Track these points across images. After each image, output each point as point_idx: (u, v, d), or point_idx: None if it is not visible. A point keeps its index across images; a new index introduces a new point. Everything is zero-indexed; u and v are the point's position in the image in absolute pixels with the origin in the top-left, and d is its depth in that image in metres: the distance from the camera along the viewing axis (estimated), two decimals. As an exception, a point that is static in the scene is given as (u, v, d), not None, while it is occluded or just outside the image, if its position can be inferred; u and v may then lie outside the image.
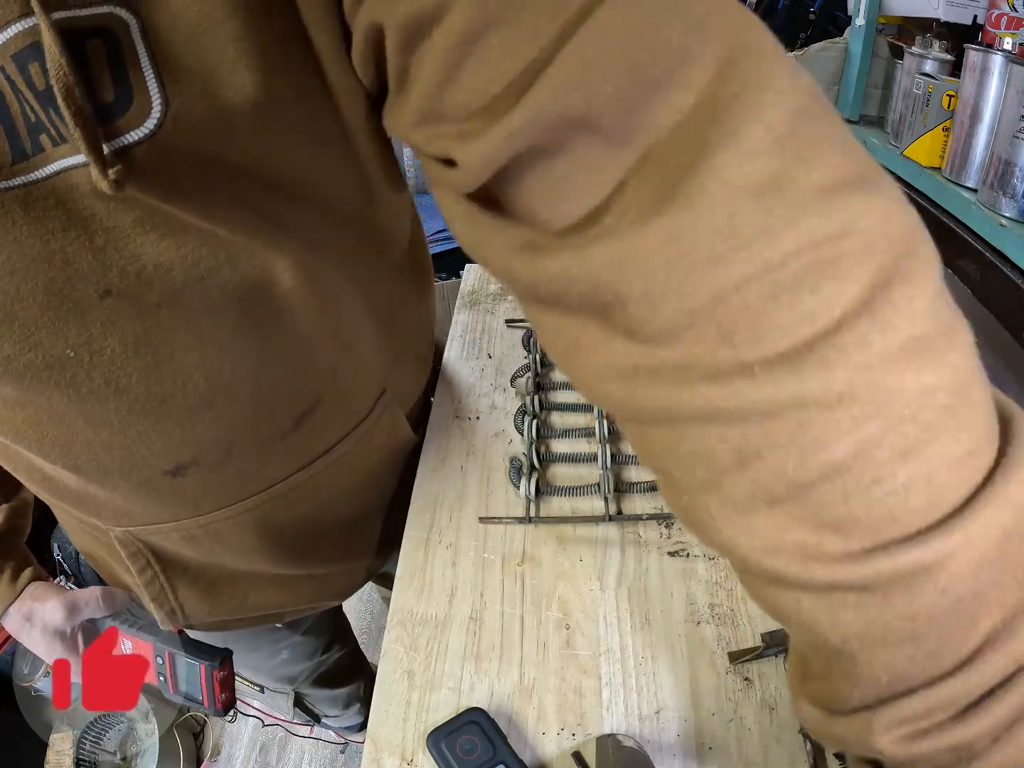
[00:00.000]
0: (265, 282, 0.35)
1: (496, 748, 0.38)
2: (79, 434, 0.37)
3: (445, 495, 0.56)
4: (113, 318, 0.32)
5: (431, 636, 0.46)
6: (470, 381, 0.69)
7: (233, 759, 1.37)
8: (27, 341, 0.31)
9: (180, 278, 0.32)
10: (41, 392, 0.34)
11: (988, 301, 0.55)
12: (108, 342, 0.33)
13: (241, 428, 0.41)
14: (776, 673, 0.43)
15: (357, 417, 0.49)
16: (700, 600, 0.48)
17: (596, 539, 0.52)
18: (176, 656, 0.52)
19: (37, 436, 0.37)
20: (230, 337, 0.36)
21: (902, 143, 0.68)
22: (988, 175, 0.54)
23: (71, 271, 0.30)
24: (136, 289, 0.31)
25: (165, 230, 0.30)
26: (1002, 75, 0.53)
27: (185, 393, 0.37)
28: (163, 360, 0.35)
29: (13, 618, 0.53)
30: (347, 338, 0.43)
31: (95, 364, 0.33)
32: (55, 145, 0.26)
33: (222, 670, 0.51)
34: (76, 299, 0.31)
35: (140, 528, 0.47)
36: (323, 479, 0.49)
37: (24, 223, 0.28)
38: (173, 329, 0.34)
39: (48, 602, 0.52)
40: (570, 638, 0.46)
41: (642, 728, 0.41)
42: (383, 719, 0.42)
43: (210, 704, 0.51)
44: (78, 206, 0.28)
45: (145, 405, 0.36)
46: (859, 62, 0.77)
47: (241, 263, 0.33)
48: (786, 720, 0.41)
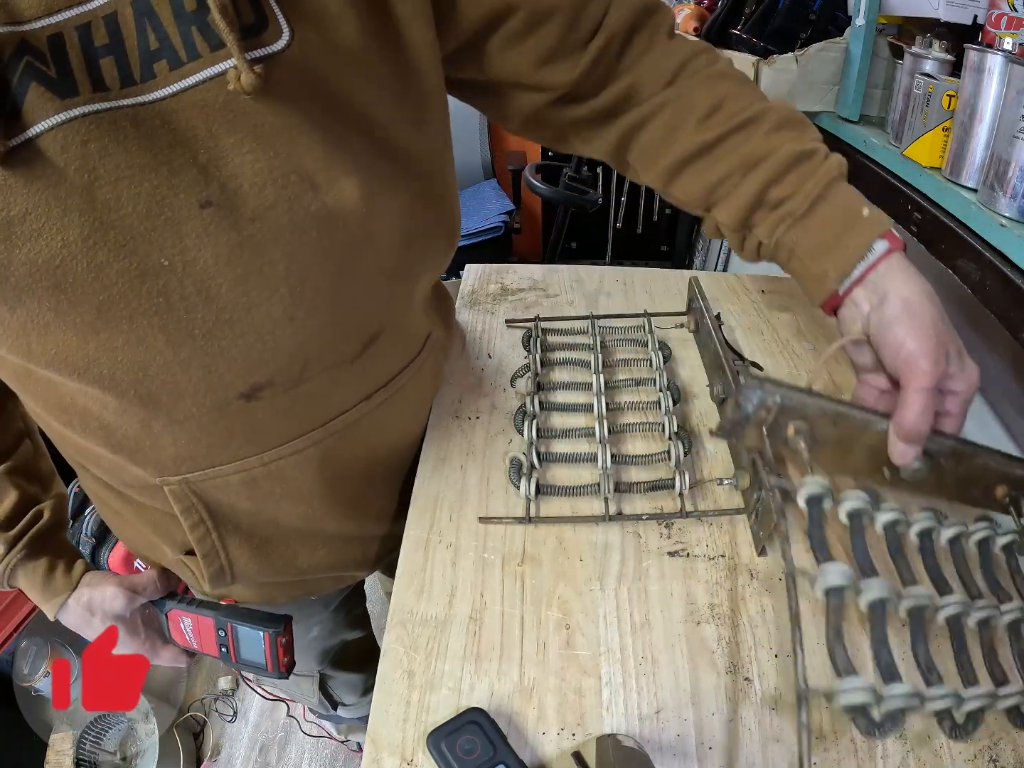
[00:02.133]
0: (341, 210, 0.39)
1: (496, 748, 0.38)
2: (158, 355, 0.38)
3: (445, 495, 0.56)
4: (209, 229, 0.35)
5: (431, 636, 0.46)
6: (470, 381, 0.69)
7: (233, 759, 1.37)
8: (123, 249, 0.34)
9: (272, 197, 0.36)
10: (126, 306, 0.36)
11: (988, 301, 0.55)
12: (202, 253, 0.36)
13: (317, 345, 0.43)
14: (776, 673, 0.43)
15: (410, 354, 0.54)
16: (700, 600, 0.48)
17: (596, 539, 0.52)
18: (237, 627, 0.54)
19: (110, 363, 0.38)
20: (313, 255, 0.39)
21: (902, 143, 0.68)
22: (988, 175, 0.54)
23: (176, 181, 0.34)
24: (233, 203, 0.35)
25: (260, 153, 0.35)
26: (1002, 75, 0.53)
27: (270, 304, 0.39)
28: (252, 272, 0.37)
29: (72, 610, 0.53)
30: (402, 275, 0.48)
31: (188, 273, 0.36)
32: (172, 69, 0.32)
33: (284, 635, 0.54)
34: (176, 208, 0.34)
35: (199, 475, 0.46)
36: (379, 415, 0.51)
37: (135, 137, 0.32)
38: (263, 243, 0.37)
39: (107, 589, 0.53)
40: (570, 638, 0.46)
41: (642, 728, 0.41)
42: (383, 719, 0.42)
43: (274, 668, 0.54)
44: (184, 126, 0.33)
45: (232, 315, 0.38)
46: (859, 62, 0.76)
47: (322, 190, 0.38)
48: (786, 720, 0.41)
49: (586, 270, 0.88)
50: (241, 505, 0.50)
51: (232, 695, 1.47)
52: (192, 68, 0.32)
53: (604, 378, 0.64)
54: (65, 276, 0.34)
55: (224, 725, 1.43)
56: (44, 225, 0.32)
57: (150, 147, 0.33)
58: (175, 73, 0.32)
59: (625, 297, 0.83)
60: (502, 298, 0.82)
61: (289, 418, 0.46)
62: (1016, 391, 0.73)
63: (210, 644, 0.55)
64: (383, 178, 0.41)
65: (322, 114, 0.37)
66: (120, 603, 0.52)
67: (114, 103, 0.31)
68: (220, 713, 1.44)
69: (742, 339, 0.75)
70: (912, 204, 0.65)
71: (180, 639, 0.57)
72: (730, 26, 1.00)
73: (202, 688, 1.49)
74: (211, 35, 0.32)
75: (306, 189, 0.37)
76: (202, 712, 1.44)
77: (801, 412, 0.42)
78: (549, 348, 0.71)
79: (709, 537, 0.52)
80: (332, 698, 0.93)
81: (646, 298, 0.82)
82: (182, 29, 0.32)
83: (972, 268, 0.56)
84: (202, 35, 0.32)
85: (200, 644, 0.56)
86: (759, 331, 0.76)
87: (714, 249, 1.92)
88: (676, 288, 0.84)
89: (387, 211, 0.43)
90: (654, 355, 0.67)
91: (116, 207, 0.33)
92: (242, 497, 0.49)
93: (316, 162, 0.37)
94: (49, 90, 0.30)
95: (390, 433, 0.55)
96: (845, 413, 0.43)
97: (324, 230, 0.39)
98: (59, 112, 0.30)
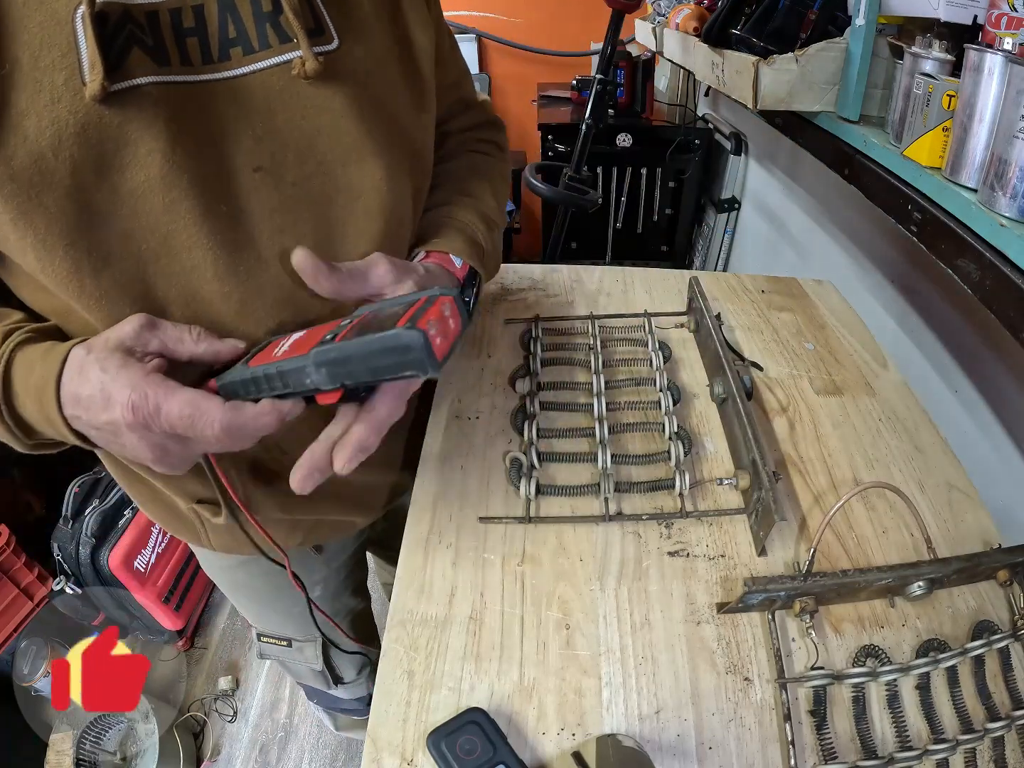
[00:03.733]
0: (365, 186, 0.47)
1: (496, 748, 0.38)
2: (206, 284, 0.44)
3: (445, 495, 0.56)
4: (258, 188, 0.43)
5: (431, 636, 0.46)
6: (470, 381, 0.69)
7: (233, 759, 1.37)
8: (192, 191, 0.41)
9: (310, 168, 0.44)
10: (188, 239, 0.42)
11: (988, 301, 0.55)
12: (251, 206, 0.43)
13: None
14: (776, 672, 0.43)
15: None
16: (700, 600, 0.48)
17: (596, 539, 0.52)
18: None
19: (164, 289, 0.43)
20: (337, 219, 0.47)
21: (902, 143, 0.68)
22: (988, 175, 0.54)
23: (236, 147, 0.42)
24: (279, 170, 0.43)
25: (305, 131, 0.43)
26: (1002, 75, 0.53)
27: (324, 252, 0.45)
28: (288, 226, 0.45)
29: (72, 362, 0.40)
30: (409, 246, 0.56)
31: (239, 220, 0.43)
32: (245, 54, 0.41)
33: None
34: (234, 168, 0.42)
35: None
36: None
37: (209, 105, 0.40)
38: (299, 204, 0.45)
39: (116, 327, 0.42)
40: (570, 638, 0.46)
41: (642, 728, 0.41)
42: (383, 719, 0.42)
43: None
44: (248, 101, 0.41)
45: (269, 259, 0.45)
46: (859, 62, 0.76)
47: (351, 167, 0.46)
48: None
49: (586, 270, 0.88)
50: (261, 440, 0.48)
51: (232, 695, 1.48)
52: (262, 55, 0.41)
53: (604, 378, 0.64)
54: (143, 206, 0.40)
55: (224, 725, 1.43)
56: (131, 161, 0.39)
57: (219, 116, 0.41)
58: (247, 58, 0.41)
59: (625, 297, 0.83)
60: (502, 298, 0.82)
61: None
62: (1016, 391, 0.73)
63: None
64: (400, 164, 0.49)
65: (358, 106, 0.45)
66: (130, 327, 0.40)
67: (195, 76, 0.40)
68: (220, 713, 1.44)
69: (742, 339, 0.75)
70: (912, 204, 0.65)
71: None
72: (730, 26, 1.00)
73: (202, 688, 1.49)
74: (282, 32, 0.41)
75: (338, 164, 0.45)
76: (202, 712, 1.44)
77: (804, 592, 0.45)
78: (549, 348, 0.71)
79: (709, 537, 0.52)
80: (335, 671, 0.93)
81: (646, 298, 0.82)
82: (258, 24, 0.41)
83: (972, 268, 0.56)
84: (274, 31, 0.41)
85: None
86: (759, 331, 0.76)
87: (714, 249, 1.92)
88: (676, 288, 0.84)
89: (402, 191, 0.50)
90: (654, 355, 0.67)
91: (189, 158, 0.40)
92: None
93: (350, 143, 0.45)
94: (147, 55, 0.38)
95: None
96: (847, 583, 0.45)
97: (348, 200, 0.47)
98: (153, 74, 0.38)
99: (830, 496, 0.55)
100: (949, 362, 0.86)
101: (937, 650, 0.44)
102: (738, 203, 1.80)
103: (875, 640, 0.45)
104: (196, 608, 1.61)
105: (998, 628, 0.46)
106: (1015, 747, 0.41)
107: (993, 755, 0.40)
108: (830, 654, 0.45)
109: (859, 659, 0.44)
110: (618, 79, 1.95)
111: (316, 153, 0.44)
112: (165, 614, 1.47)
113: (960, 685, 0.43)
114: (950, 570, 0.45)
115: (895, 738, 0.41)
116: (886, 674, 0.42)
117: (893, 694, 0.42)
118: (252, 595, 0.81)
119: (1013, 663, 0.44)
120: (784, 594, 0.44)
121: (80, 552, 1.35)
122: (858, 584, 0.45)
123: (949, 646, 0.44)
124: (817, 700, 0.42)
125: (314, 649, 0.88)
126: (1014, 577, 0.47)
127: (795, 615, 0.45)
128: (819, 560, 0.50)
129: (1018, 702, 0.42)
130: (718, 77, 1.05)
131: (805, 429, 0.62)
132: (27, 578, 1.34)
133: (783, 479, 0.57)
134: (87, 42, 0.36)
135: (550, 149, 1.95)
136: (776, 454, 0.59)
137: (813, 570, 0.47)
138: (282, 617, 0.83)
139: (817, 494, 0.56)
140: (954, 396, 0.85)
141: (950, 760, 0.39)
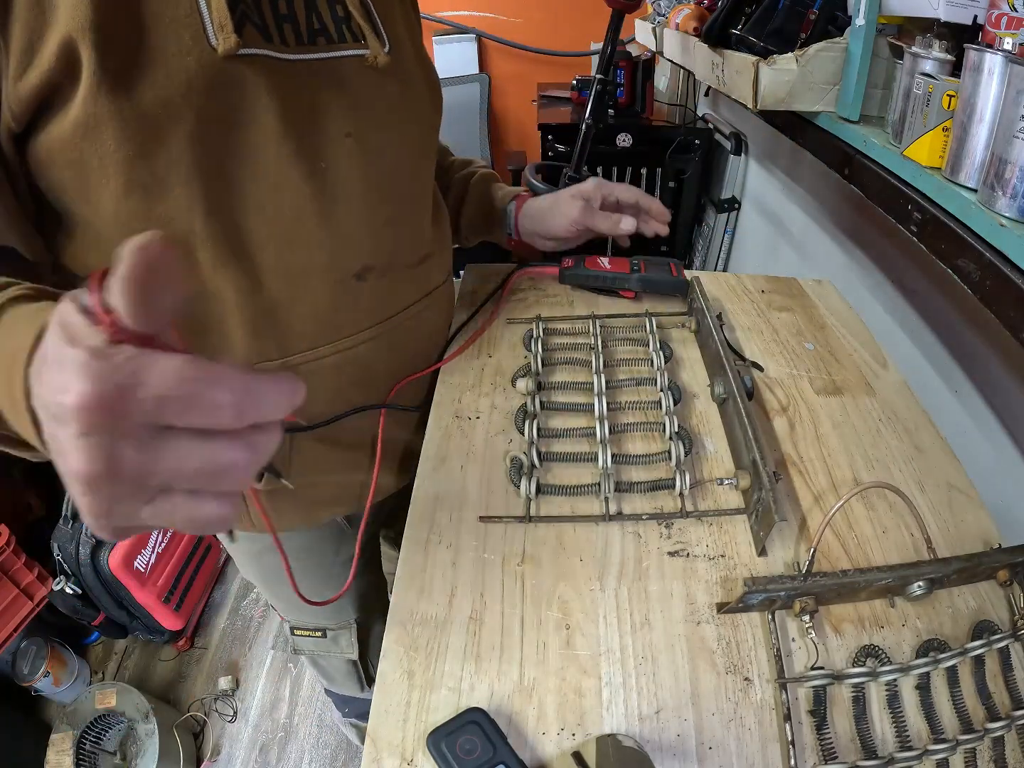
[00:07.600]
0: (408, 159, 0.59)
1: (496, 748, 0.38)
2: (303, 229, 0.51)
3: (445, 495, 0.56)
4: (350, 151, 0.52)
5: (431, 636, 0.46)
6: (470, 381, 0.69)
7: (233, 759, 1.37)
8: (300, 147, 0.48)
9: (383, 139, 0.55)
10: (296, 190, 0.49)
11: (988, 301, 0.55)
12: (343, 164, 0.52)
13: (400, 246, 0.61)
14: (776, 672, 0.43)
15: (440, 279, 0.69)
16: (700, 600, 0.48)
17: (596, 539, 0.52)
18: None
19: (266, 233, 0.50)
20: (404, 183, 0.59)
21: (902, 143, 0.68)
22: (988, 175, 0.54)
23: (330, 116, 0.50)
24: (365, 136, 0.53)
25: (376, 110, 0.54)
26: (1002, 75, 0.52)
27: (378, 209, 0.56)
28: (372, 187, 0.55)
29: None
30: (437, 219, 0.68)
31: (336, 176, 0.52)
32: (328, 43, 0.50)
33: None
34: (331, 132, 0.51)
35: (298, 357, 0.55)
36: (425, 317, 0.66)
37: (306, 78, 0.48)
38: (378, 167, 0.55)
39: None
40: (570, 638, 0.46)
41: (642, 728, 0.41)
42: (383, 719, 0.42)
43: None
44: (336, 80, 0.51)
45: (357, 212, 0.54)
46: (859, 62, 0.76)
47: (410, 131, 0.59)
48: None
49: (586, 270, 0.88)
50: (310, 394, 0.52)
51: (232, 695, 1.48)
52: (340, 47, 0.51)
53: (605, 378, 0.64)
54: (260, 158, 0.47)
55: (224, 725, 1.43)
56: (249, 116, 0.45)
57: (312, 88, 0.49)
58: (330, 46, 0.50)
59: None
60: (503, 298, 0.82)
61: (379, 302, 0.60)
62: (1016, 391, 0.73)
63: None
64: (434, 129, 0.65)
65: (402, 96, 0.57)
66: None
67: (293, 55, 0.47)
68: (220, 713, 1.44)
69: (742, 339, 0.75)
70: (912, 204, 0.65)
71: None
72: (730, 26, 1.00)
73: (202, 688, 1.49)
74: (353, 33, 0.52)
75: (396, 148, 0.57)
76: (202, 712, 1.44)
77: (804, 592, 0.45)
78: (550, 348, 0.71)
79: (709, 537, 0.52)
80: (368, 667, 0.92)
81: (646, 298, 0.82)
82: (335, 23, 0.51)
83: (972, 268, 0.56)
84: (348, 30, 0.52)
85: None
86: (759, 331, 0.76)
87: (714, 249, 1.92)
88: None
89: (434, 147, 0.67)
90: (655, 355, 0.67)
91: (295, 123, 0.47)
92: (318, 382, 0.58)
93: (407, 116, 0.58)
94: (258, 32, 0.45)
95: (423, 338, 0.69)
96: (847, 583, 0.45)
97: (411, 155, 0.60)
98: (265, 48, 0.45)
99: (830, 496, 0.55)
100: (949, 362, 0.86)
101: (937, 650, 0.44)
102: (738, 203, 1.80)
103: (875, 640, 0.45)
104: (196, 608, 1.61)
105: (998, 628, 0.45)
106: (1015, 747, 0.40)
107: (993, 755, 0.40)
108: (830, 654, 0.45)
109: (859, 659, 0.44)
110: (618, 79, 1.95)
111: (382, 125, 0.55)
112: (165, 614, 1.47)
113: (960, 685, 0.43)
114: (950, 570, 0.45)
115: (895, 738, 0.41)
116: (886, 674, 0.42)
117: (893, 694, 0.42)
118: (294, 538, 0.79)
119: (1013, 663, 0.44)
120: (784, 594, 0.44)
121: (80, 552, 1.35)
122: (858, 584, 0.45)
123: (949, 646, 0.44)
124: (817, 700, 0.42)
125: (349, 636, 0.87)
126: (1014, 577, 0.47)
127: (795, 615, 0.45)
128: (819, 560, 0.50)
129: (1018, 702, 0.42)
130: (718, 77, 1.05)
131: (805, 429, 0.62)
132: (27, 578, 1.34)
133: (783, 479, 0.57)
134: (215, 4, 0.41)
135: (550, 149, 1.95)
136: (776, 454, 0.59)
137: (813, 570, 0.47)
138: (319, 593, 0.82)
139: (817, 494, 0.56)
140: (954, 396, 0.85)
141: (950, 760, 0.39)
